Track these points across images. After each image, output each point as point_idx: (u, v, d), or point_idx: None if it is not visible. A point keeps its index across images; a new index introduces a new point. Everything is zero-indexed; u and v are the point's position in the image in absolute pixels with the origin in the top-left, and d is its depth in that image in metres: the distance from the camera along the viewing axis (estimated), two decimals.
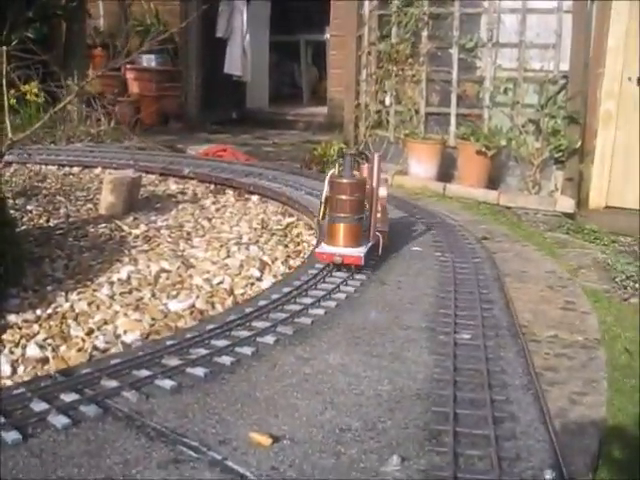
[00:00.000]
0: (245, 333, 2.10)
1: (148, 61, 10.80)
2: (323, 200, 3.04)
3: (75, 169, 5.88)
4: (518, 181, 7.31)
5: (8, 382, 2.19)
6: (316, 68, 12.66)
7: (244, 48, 10.36)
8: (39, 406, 1.63)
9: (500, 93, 7.44)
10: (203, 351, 1.96)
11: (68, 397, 1.68)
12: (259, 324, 2.19)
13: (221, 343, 2.02)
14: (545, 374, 2.05)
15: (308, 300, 2.41)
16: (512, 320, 2.34)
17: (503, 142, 7.07)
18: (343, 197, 2.91)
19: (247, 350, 1.99)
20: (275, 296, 2.45)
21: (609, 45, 6.56)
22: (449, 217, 4.03)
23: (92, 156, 6.06)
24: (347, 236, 2.83)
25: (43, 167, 5.90)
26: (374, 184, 2.97)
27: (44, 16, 8.24)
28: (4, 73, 4.31)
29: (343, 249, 2.79)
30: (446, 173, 7.47)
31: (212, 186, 5.19)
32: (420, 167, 7.48)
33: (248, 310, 2.30)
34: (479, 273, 2.80)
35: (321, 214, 3.03)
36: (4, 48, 4.29)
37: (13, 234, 2.94)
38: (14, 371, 2.31)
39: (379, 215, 2.98)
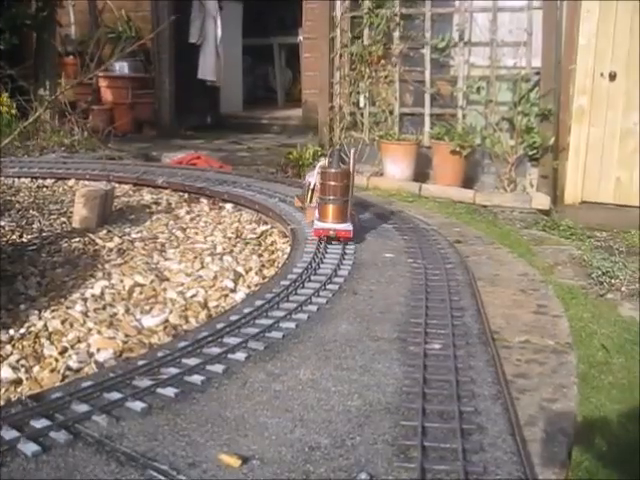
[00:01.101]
0: (216, 350, 2.11)
1: (121, 68, 10.76)
2: (311, 188, 3.73)
3: (48, 181, 5.84)
4: (494, 179, 7.37)
5: None
6: (290, 71, 12.68)
7: (218, 53, 10.34)
8: (9, 434, 1.63)
9: (473, 92, 7.51)
10: (174, 370, 1.96)
11: (38, 423, 1.68)
12: (230, 340, 2.19)
13: (192, 361, 2.03)
14: (516, 381, 2.07)
15: (280, 313, 2.42)
16: (483, 327, 2.36)
17: (477, 141, 7.13)
18: (332, 183, 3.47)
19: (218, 368, 2.00)
20: (247, 310, 2.46)
21: (580, 42, 6.63)
22: (423, 221, 4.05)
23: (65, 167, 6.03)
24: (336, 214, 3.42)
25: (16, 180, 5.86)
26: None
27: (13, 26, 8.19)
28: None
29: (334, 225, 3.37)
30: (421, 173, 7.52)
31: (186, 195, 5.18)
32: (395, 168, 7.53)
33: (219, 326, 2.31)
34: (451, 279, 2.82)
35: (308, 199, 3.78)
36: None
37: None
38: None
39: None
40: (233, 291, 3.21)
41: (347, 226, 3.37)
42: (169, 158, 7.95)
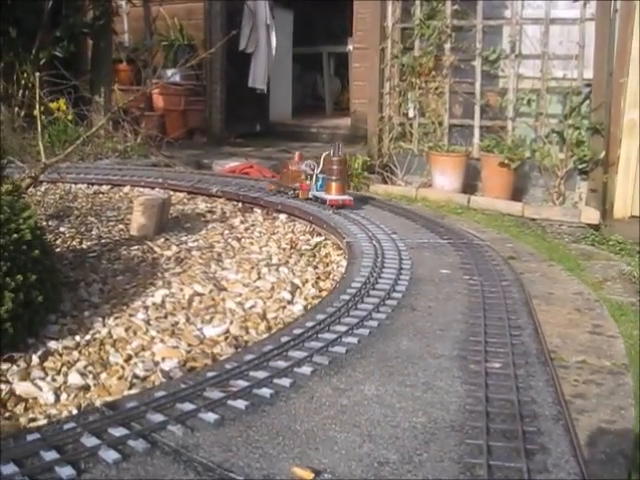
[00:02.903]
0: (282, 364, 2.17)
1: (173, 76, 10.92)
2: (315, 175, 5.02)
3: (104, 187, 5.99)
4: (542, 192, 7.35)
5: (53, 410, 2.27)
6: (339, 80, 12.75)
7: (269, 61, 10.44)
8: (90, 441, 1.70)
9: (523, 104, 7.50)
10: (243, 383, 2.02)
11: (116, 431, 1.75)
12: (295, 354, 2.25)
13: (260, 374, 2.09)
14: (574, 402, 2.10)
15: (342, 328, 2.47)
16: (541, 347, 2.38)
17: (527, 153, 7.13)
18: (335, 167, 4.83)
19: (285, 381, 2.05)
20: (310, 324, 2.51)
21: (632, 55, 6.60)
22: (476, 236, 4.07)
23: (121, 174, 6.17)
24: (338, 190, 4.78)
25: (73, 186, 6.02)
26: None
27: (71, 35, 8.38)
28: (38, 97, 4.39)
29: (340, 196, 4.71)
30: (470, 185, 7.54)
31: (240, 204, 5.27)
32: (444, 179, 7.56)
33: (284, 339, 2.36)
34: (507, 297, 2.85)
35: (313, 183, 5.00)
36: (37, 74, 4.36)
37: (52, 262, 3.03)
38: (57, 399, 2.39)
39: None
40: (291, 302, 3.27)
41: (348, 197, 4.75)
42: (220, 166, 8.06)
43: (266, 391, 1.99)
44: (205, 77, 10.66)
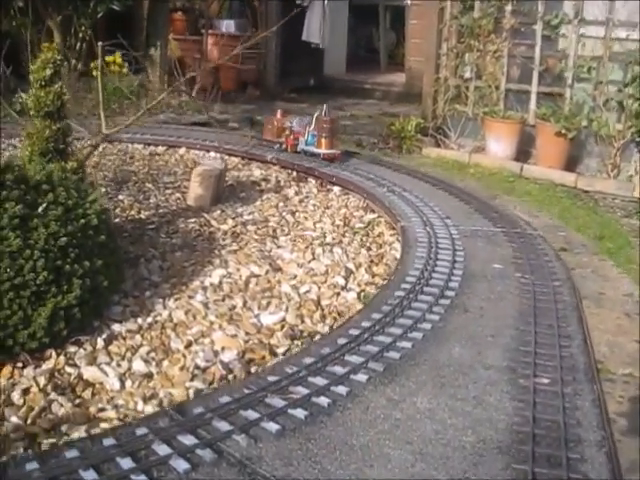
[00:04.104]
0: (339, 370, 2.25)
1: (227, 27, 10.90)
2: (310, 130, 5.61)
3: (160, 148, 6.08)
4: (597, 163, 7.27)
5: (119, 400, 2.40)
6: (394, 33, 12.60)
7: (324, 15, 10.35)
8: (162, 449, 1.82)
9: (583, 72, 7.36)
10: (302, 390, 2.12)
11: (186, 439, 1.87)
12: (352, 358, 2.34)
13: (318, 381, 2.18)
14: (618, 420, 2.15)
15: (396, 330, 2.55)
16: (589, 360, 2.43)
17: (584, 122, 7.02)
18: (325, 126, 5.46)
19: (342, 390, 2.14)
20: (365, 324, 2.59)
21: None
22: (528, 222, 4.08)
23: (176, 135, 6.24)
24: (328, 145, 5.44)
25: (130, 146, 6.12)
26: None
27: None
28: (100, 67, 4.47)
29: (330, 150, 5.39)
30: (524, 151, 7.48)
31: (294, 173, 5.33)
32: (498, 146, 7.51)
33: (341, 341, 2.45)
34: (558, 300, 2.89)
35: (306, 136, 5.61)
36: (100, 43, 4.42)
37: (116, 244, 3.14)
38: (122, 385, 2.52)
39: None
40: (344, 288, 3.35)
41: (337, 151, 5.52)
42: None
43: (324, 400, 2.08)
44: (260, 29, 10.59)
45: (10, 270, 2.54)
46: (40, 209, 2.76)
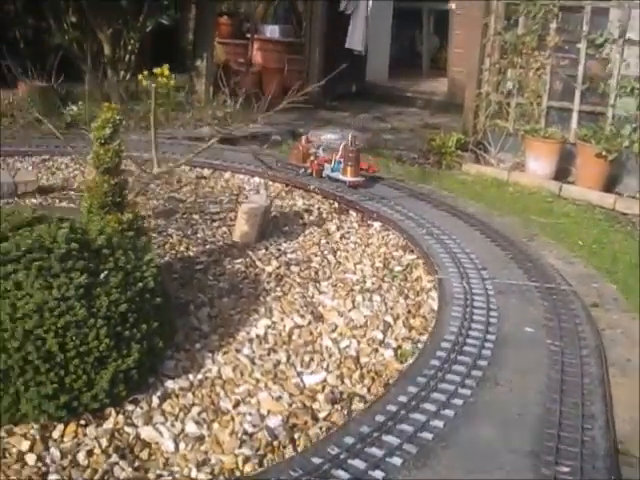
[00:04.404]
0: (377, 452, 2.44)
1: (272, 32, 11.08)
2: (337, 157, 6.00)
3: (206, 171, 6.29)
4: (637, 183, 7.34)
5: (175, 466, 2.61)
6: (437, 37, 12.65)
7: (367, 22, 10.46)
8: None
9: (626, 93, 7.43)
10: (343, 475, 2.30)
11: None
12: (388, 439, 2.52)
13: (357, 464, 2.36)
14: None
15: (430, 407, 2.72)
16: (609, 446, 2.57)
17: (625, 143, 7.10)
18: (351, 155, 5.84)
19: (378, 474, 2.33)
20: (402, 398, 2.77)
21: None
22: (561, 273, 4.21)
23: (222, 158, 6.43)
24: (354, 172, 5.87)
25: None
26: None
27: (176, 2, 8.62)
28: (154, 109, 4.67)
29: (356, 178, 5.83)
30: (563, 169, 7.58)
31: (336, 204, 5.51)
32: (537, 164, 7.64)
33: (379, 418, 2.63)
34: (585, 373, 3.02)
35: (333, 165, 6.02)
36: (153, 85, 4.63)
37: (170, 303, 3.35)
38: (177, 447, 2.73)
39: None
40: (382, 343, 3.53)
41: (361, 179, 5.89)
42: (315, 137, 8.23)
43: None
44: (305, 35, 10.75)
45: (76, 339, 2.77)
46: (102, 276, 2.97)
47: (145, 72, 8.61)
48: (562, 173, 7.72)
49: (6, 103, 8.08)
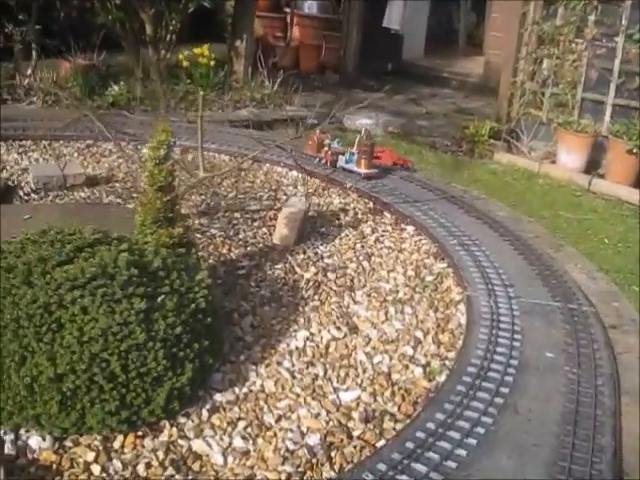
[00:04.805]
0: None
1: (310, 7, 11.18)
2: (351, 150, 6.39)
3: (245, 163, 6.52)
4: None
5: (225, 479, 2.92)
6: (475, 13, 12.66)
7: (406, 1, 10.53)
8: None
9: None
10: None
11: None
12: (417, 466, 2.79)
13: None
14: None
15: (455, 435, 2.98)
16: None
17: None
18: (365, 148, 6.20)
19: None
20: (430, 425, 3.04)
21: None
22: (584, 291, 4.42)
23: (259, 145, 6.64)
24: (367, 164, 6.26)
25: (216, 156, 6.59)
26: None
27: None
28: (201, 115, 4.89)
29: (370, 170, 6.24)
30: (594, 161, 7.75)
31: (371, 204, 5.74)
32: (569, 157, 7.82)
33: (409, 445, 2.91)
34: (598, 404, 3.25)
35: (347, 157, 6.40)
36: (201, 93, 4.85)
37: (218, 318, 3.63)
38: (225, 461, 3.04)
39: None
40: (412, 359, 3.79)
41: (375, 170, 6.30)
42: (351, 121, 8.44)
43: None
44: (342, 12, 10.85)
45: (137, 361, 3.06)
46: (159, 300, 3.25)
47: (185, 52, 8.86)
48: (592, 165, 7.89)
49: (50, 82, 8.33)
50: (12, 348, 3.02)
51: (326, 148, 6.46)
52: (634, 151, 7.35)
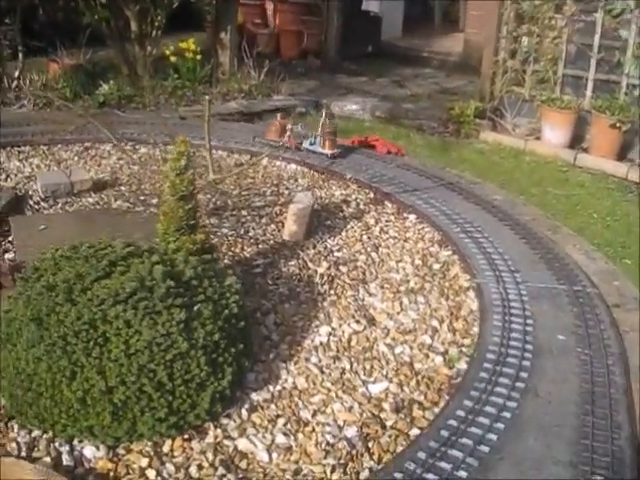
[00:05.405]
0: (446, 466, 2.91)
1: None
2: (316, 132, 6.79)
3: (244, 157, 6.68)
4: None
5: (274, 474, 3.12)
6: None
7: None
8: None
9: None
10: None
11: None
12: (454, 453, 3.01)
13: (432, 478, 2.86)
14: None
15: (485, 421, 3.20)
16: (634, 454, 3.06)
17: None
18: (329, 130, 6.64)
19: None
20: (460, 413, 3.26)
21: None
22: (585, 268, 4.65)
23: (260, 144, 6.81)
24: (332, 145, 6.69)
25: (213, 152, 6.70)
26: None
27: None
28: (208, 119, 5.04)
29: (334, 150, 6.66)
30: (577, 136, 8.00)
31: (372, 194, 5.93)
32: (553, 134, 8.05)
33: (444, 434, 3.13)
34: (611, 383, 3.47)
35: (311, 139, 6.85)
36: (207, 97, 5.00)
37: (249, 324, 3.81)
38: (270, 458, 3.24)
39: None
40: (430, 348, 4.01)
41: (338, 150, 6.70)
42: (338, 107, 8.60)
43: None
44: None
45: (181, 369, 3.25)
46: (195, 309, 3.43)
47: (171, 47, 8.94)
48: (576, 140, 8.14)
49: (39, 85, 8.38)
50: (62, 364, 3.18)
51: (288, 133, 6.80)
52: (617, 125, 7.59)
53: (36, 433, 3.25)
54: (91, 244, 3.73)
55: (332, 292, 4.51)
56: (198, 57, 8.86)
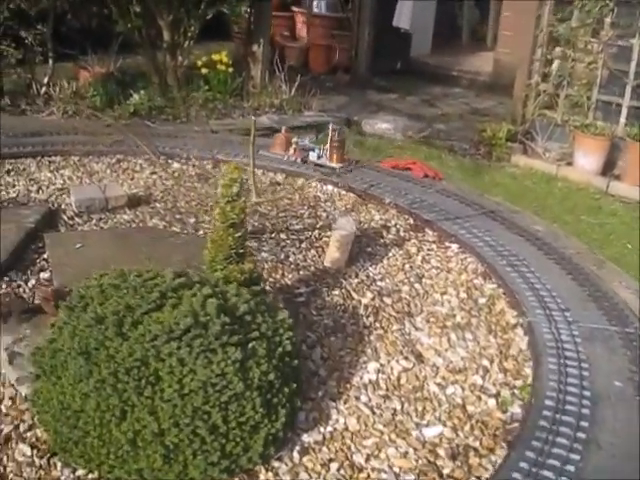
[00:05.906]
0: None
1: (318, 6, 11.16)
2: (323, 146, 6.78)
3: (279, 176, 6.59)
4: None
5: None
6: (478, 10, 12.71)
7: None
8: None
9: None
10: None
11: None
12: None
13: None
14: None
15: (549, 474, 3.09)
16: None
17: None
18: (336, 145, 6.61)
19: None
20: (523, 465, 3.15)
21: None
22: (635, 308, 4.53)
23: (296, 164, 6.71)
24: (339, 159, 6.68)
25: (248, 169, 6.61)
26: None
27: None
28: (253, 140, 4.94)
29: (341, 164, 6.66)
30: (610, 162, 7.89)
31: (411, 220, 5.82)
32: (586, 160, 7.96)
33: None
34: None
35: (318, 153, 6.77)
36: (253, 118, 4.90)
37: (299, 360, 3.69)
38: None
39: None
40: (482, 389, 3.90)
41: (346, 164, 6.70)
42: (369, 125, 8.50)
43: None
44: (352, 10, 10.83)
45: (236, 411, 3.15)
46: (250, 346, 3.33)
47: (204, 58, 8.86)
48: (608, 167, 8.04)
49: (69, 92, 8.31)
50: (112, 402, 3.07)
51: (294, 146, 6.86)
52: None
53: (81, 472, 3.15)
54: (139, 272, 3.63)
55: (378, 325, 4.40)
56: (230, 69, 8.77)
